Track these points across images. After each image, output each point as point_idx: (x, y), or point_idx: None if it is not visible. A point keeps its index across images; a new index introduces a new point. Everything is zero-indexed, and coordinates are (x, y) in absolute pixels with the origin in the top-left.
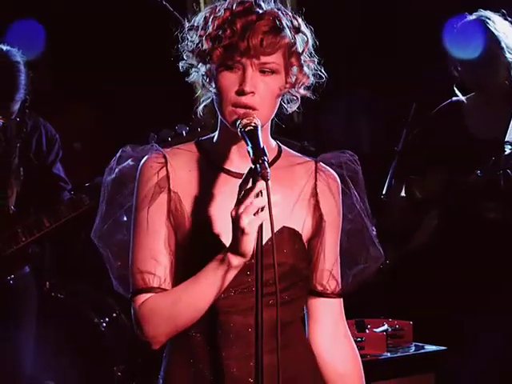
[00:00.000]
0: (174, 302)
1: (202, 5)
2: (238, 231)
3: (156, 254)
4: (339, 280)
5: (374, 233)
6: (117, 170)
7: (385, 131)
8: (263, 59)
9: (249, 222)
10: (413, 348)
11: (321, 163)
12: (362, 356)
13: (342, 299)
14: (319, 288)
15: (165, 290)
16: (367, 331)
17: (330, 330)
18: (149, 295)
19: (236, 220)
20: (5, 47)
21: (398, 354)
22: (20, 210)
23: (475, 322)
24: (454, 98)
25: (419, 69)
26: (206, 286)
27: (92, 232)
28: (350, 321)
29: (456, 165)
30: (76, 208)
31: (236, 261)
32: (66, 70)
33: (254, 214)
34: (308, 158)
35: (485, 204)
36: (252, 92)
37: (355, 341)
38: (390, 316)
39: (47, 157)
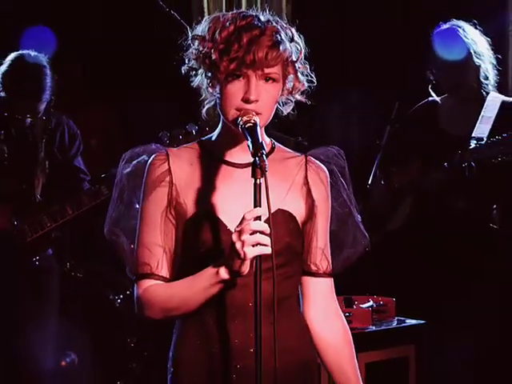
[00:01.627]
0: (170, 297)
1: (206, 13)
2: (235, 254)
3: (152, 245)
4: (330, 261)
5: (359, 219)
6: (131, 164)
7: (371, 128)
8: (266, 70)
9: (247, 251)
10: (395, 322)
11: (310, 157)
12: (349, 329)
13: (332, 278)
14: (313, 268)
15: (161, 276)
16: (354, 307)
17: (322, 307)
18: (150, 282)
19: (236, 245)
20: (32, 53)
21: (382, 328)
22: (45, 198)
23: (450, 298)
24: (430, 99)
25: (403, 72)
26: (199, 291)
27: (107, 218)
28: (338, 297)
29: (430, 158)
30: (96, 198)
31: (229, 276)
32: (84, 75)
33: (251, 234)
34: (298, 153)
35: (451, 193)
36: (256, 100)
37: (343, 315)
38: (374, 293)
39: (69, 151)
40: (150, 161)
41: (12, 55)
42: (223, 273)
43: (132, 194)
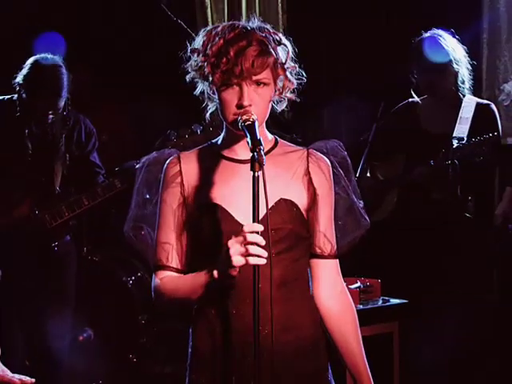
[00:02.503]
0: (176, 290)
1: (210, 23)
2: (227, 259)
3: (165, 241)
4: (334, 243)
5: (361, 205)
6: (148, 169)
7: (359, 125)
8: (255, 78)
9: (236, 259)
10: (380, 301)
11: (312, 150)
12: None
13: (337, 260)
14: (317, 251)
15: (173, 267)
16: None
17: (329, 286)
18: (164, 273)
19: (230, 251)
20: (49, 55)
21: (369, 306)
22: (63, 190)
23: (430, 281)
24: (410, 99)
25: (388, 75)
26: (198, 288)
27: (129, 216)
28: None
29: (411, 154)
30: (110, 190)
31: (220, 277)
32: (99, 76)
33: (244, 245)
34: (300, 147)
35: (433, 186)
36: (250, 105)
37: None
38: (362, 275)
39: (85, 147)
40: (165, 166)
41: (30, 59)
42: (216, 274)
43: (150, 194)
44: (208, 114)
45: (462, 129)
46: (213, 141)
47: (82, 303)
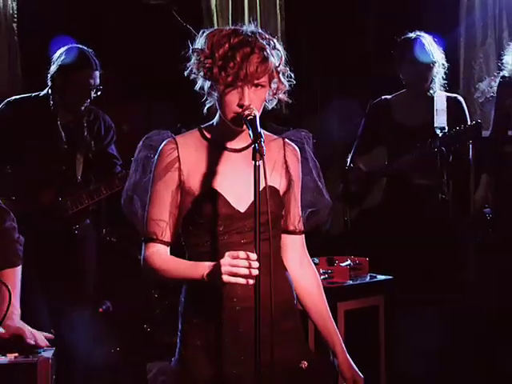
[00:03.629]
0: (167, 271)
1: (215, 25)
2: (218, 272)
3: (159, 217)
4: (302, 221)
5: (323, 186)
6: (148, 146)
7: (349, 121)
8: (256, 81)
9: (225, 277)
10: (368, 277)
11: (286, 139)
12: (331, 283)
13: (303, 235)
14: (291, 228)
15: (164, 241)
16: (335, 265)
17: (297, 258)
18: (155, 245)
19: (222, 268)
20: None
21: (358, 282)
22: (84, 180)
23: (413, 259)
24: (383, 97)
25: (376, 74)
26: (185, 277)
27: (125, 189)
28: (322, 258)
29: (390, 146)
30: (126, 180)
31: (209, 281)
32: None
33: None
34: (276, 136)
35: (416, 173)
36: (249, 104)
37: (326, 272)
38: (352, 254)
39: (104, 139)
40: (161, 147)
41: (60, 50)
42: (206, 277)
43: (146, 170)
44: (206, 108)
45: (440, 119)
46: (206, 125)
47: (101, 279)
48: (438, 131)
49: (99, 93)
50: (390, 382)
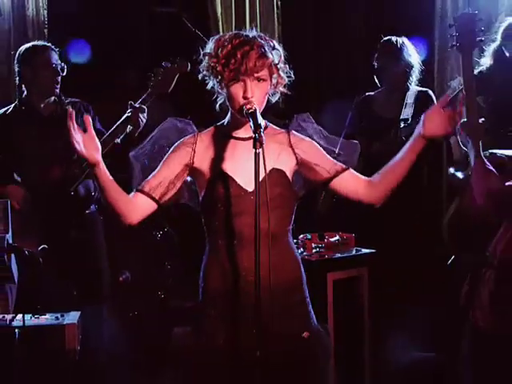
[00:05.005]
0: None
1: (220, 30)
2: None
3: (156, 176)
4: (339, 164)
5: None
6: (168, 128)
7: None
8: (256, 75)
9: None
10: (354, 251)
11: (292, 131)
12: (321, 256)
13: (350, 169)
14: (333, 172)
15: (149, 194)
16: (325, 240)
17: (362, 181)
18: (138, 195)
19: None
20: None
21: (345, 255)
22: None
23: (393, 234)
24: (367, 93)
25: (361, 73)
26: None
27: (138, 148)
28: (314, 234)
29: (372, 135)
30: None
31: None
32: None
33: None
34: (283, 130)
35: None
36: (252, 96)
37: (318, 246)
38: (340, 231)
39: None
40: (182, 139)
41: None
42: None
43: (160, 145)
44: (218, 105)
45: (406, 112)
46: (220, 123)
47: (122, 252)
48: (402, 123)
49: (64, 72)
50: (373, 338)
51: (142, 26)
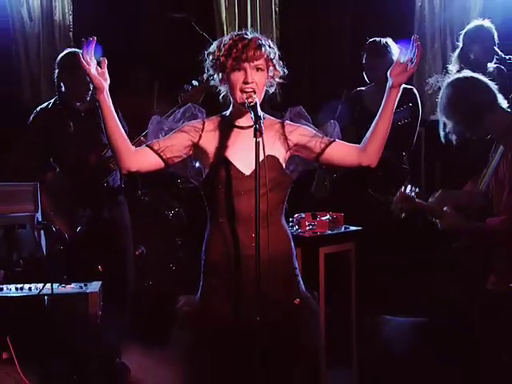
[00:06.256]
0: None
1: (225, 33)
2: None
3: (169, 141)
4: (327, 137)
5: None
6: (183, 112)
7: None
8: (255, 63)
9: None
10: (343, 228)
11: (286, 121)
12: (314, 233)
13: (340, 140)
14: (323, 145)
15: (155, 150)
16: (317, 219)
17: (354, 147)
18: (145, 149)
19: None
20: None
21: (335, 232)
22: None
23: (378, 213)
24: (358, 88)
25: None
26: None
27: (160, 118)
28: (307, 213)
29: (362, 126)
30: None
31: None
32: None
33: None
34: (279, 120)
35: None
36: (252, 82)
37: (311, 224)
38: (330, 210)
39: None
40: (191, 122)
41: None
42: None
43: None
44: (221, 97)
45: None
46: (224, 113)
47: (138, 230)
48: None
49: None
50: (359, 304)
51: (157, 30)
